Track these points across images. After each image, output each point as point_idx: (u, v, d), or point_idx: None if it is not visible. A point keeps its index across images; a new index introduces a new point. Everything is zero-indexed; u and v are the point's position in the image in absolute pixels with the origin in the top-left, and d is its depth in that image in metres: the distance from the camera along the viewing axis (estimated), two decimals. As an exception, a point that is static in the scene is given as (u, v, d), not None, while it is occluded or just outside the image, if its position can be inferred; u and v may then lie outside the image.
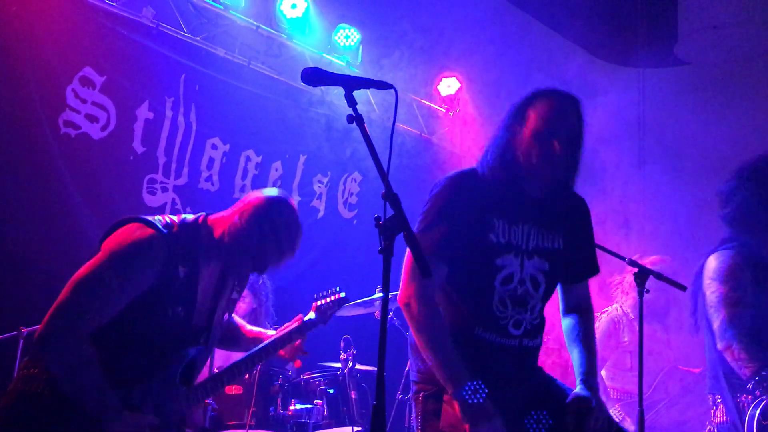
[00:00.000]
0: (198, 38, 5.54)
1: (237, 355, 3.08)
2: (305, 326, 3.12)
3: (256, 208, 2.70)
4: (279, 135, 6.12)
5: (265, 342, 3.06)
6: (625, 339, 5.46)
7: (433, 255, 2.39)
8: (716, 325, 3.35)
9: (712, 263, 3.44)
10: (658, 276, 3.60)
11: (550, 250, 2.59)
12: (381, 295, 1.91)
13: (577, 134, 2.50)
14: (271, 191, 2.82)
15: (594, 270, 2.78)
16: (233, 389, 4.44)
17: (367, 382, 5.10)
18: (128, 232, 2.55)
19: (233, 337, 3.16)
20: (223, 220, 2.72)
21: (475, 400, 2.32)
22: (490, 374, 2.44)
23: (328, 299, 3.24)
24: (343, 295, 3.27)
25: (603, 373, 5.54)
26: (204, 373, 3.04)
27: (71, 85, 4.80)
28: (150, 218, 2.60)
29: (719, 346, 3.33)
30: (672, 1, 7.05)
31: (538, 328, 2.61)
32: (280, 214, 2.71)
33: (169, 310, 2.58)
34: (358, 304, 4.95)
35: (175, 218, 2.67)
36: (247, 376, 4.38)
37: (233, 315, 3.14)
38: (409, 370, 2.64)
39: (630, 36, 7.60)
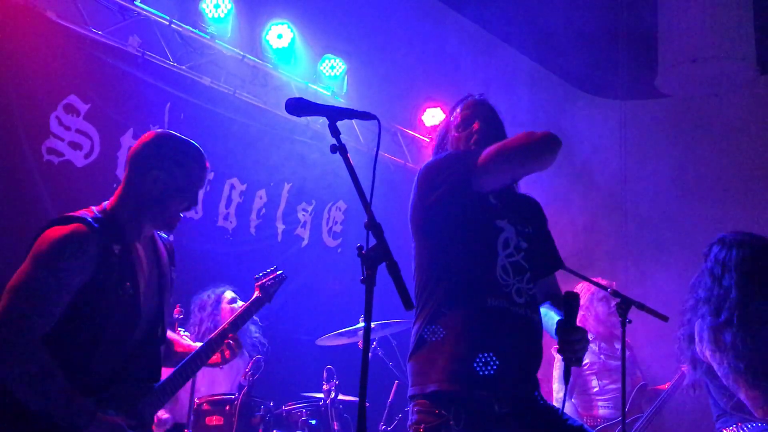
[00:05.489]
0: (184, 67, 5.56)
1: (223, 377, 3.06)
2: (255, 303, 3.34)
3: (143, 150, 2.63)
4: (264, 163, 6.13)
5: (222, 325, 3.13)
6: (586, 361, 5.47)
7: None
8: (743, 396, 3.24)
9: (696, 336, 3.34)
10: (640, 306, 3.62)
11: (526, 233, 2.72)
12: (364, 324, 1.90)
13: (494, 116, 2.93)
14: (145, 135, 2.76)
15: (559, 263, 2.87)
16: (214, 420, 4.37)
17: (350, 413, 5.05)
18: (50, 231, 2.46)
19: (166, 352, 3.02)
20: (121, 189, 2.64)
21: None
22: (505, 345, 2.50)
23: (269, 277, 3.52)
24: (280, 272, 3.56)
25: (573, 400, 5.57)
26: (183, 388, 2.99)
27: (55, 112, 4.79)
28: (68, 214, 2.54)
29: (758, 415, 3.19)
30: (652, 34, 7.18)
31: (536, 300, 2.68)
32: (170, 138, 2.69)
33: (118, 288, 2.49)
34: (341, 334, 4.93)
35: (94, 208, 2.61)
36: (228, 407, 4.33)
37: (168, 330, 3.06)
38: (408, 396, 2.58)
39: (610, 68, 7.71)
